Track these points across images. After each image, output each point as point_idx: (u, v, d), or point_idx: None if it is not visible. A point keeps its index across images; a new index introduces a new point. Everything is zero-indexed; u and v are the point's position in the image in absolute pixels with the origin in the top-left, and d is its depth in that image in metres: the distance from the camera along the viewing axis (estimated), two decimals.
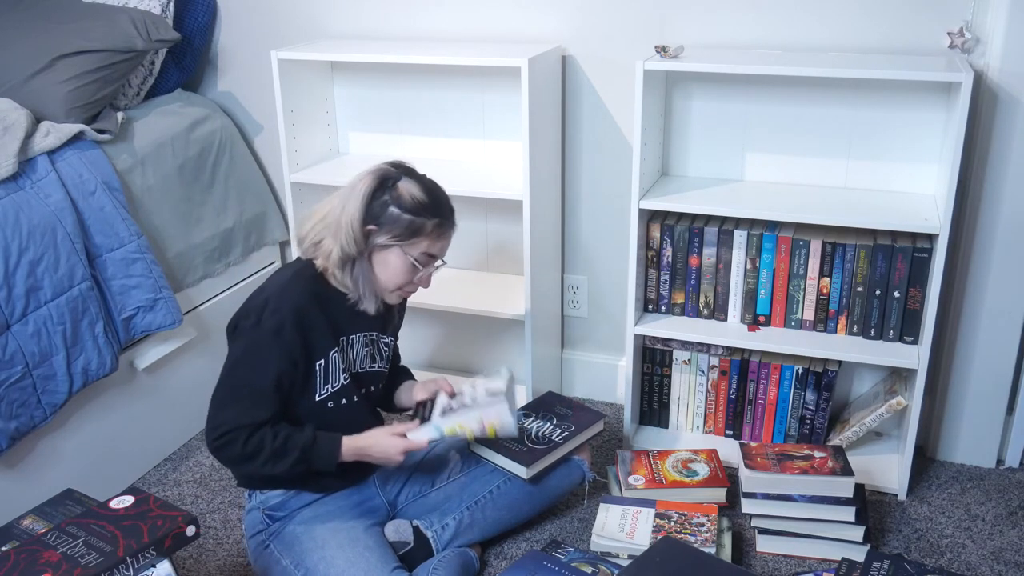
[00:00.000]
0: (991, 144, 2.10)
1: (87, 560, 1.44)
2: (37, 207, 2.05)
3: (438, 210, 1.87)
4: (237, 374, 1.80)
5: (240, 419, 1.77)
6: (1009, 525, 2.13)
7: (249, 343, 1.79)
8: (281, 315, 1.78)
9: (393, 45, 2.47)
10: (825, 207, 2.16)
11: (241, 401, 1.78)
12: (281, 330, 1.78)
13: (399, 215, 1.82)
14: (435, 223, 1.85)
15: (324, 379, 1.86)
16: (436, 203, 1.87)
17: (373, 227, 1.82)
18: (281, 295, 1.81)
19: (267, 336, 1.78)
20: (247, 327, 1.80)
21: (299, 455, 1.81)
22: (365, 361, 1.96)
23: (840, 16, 2.17)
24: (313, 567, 1.83)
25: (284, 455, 1.80)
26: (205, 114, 2.60)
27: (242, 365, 1.80)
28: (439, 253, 1.91)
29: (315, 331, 1.82)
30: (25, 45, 2.31)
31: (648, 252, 2.33)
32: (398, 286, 1.88)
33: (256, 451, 1.78)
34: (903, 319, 2.18)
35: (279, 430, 1.80)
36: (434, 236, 1.86)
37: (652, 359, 2.45)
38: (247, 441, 1.77)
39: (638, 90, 2.11)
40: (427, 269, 1.89)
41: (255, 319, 1.79)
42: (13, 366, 1.97)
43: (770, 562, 2.03)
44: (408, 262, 1.85)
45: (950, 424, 2.35)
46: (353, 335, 1.92)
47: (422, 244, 1.85)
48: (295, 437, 1.81)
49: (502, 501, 2.02)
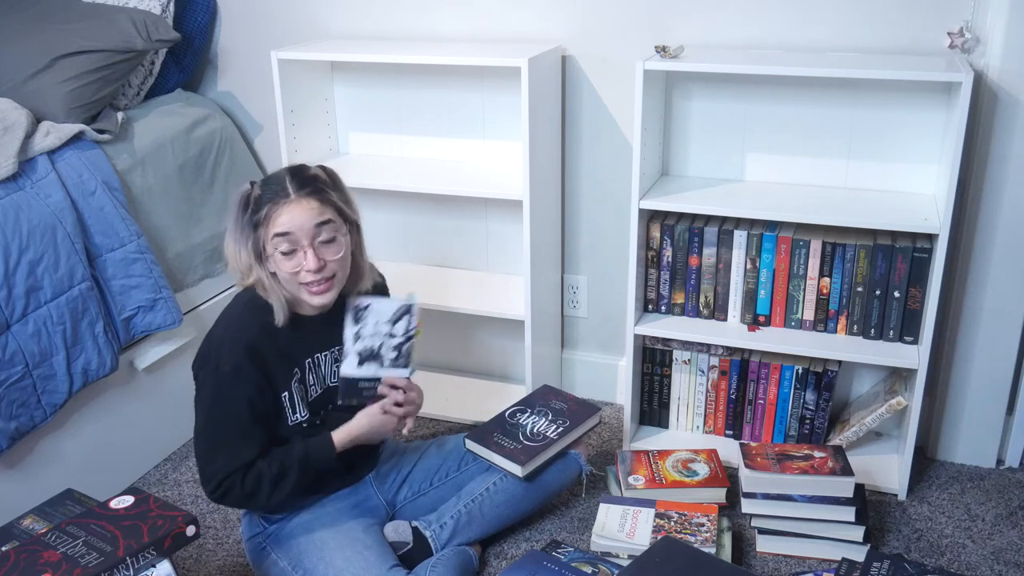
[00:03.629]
0: (991, 144, 2.10)
1: (87, 560, 1.44)
2: (37, 207, 2.05)
3: (268, 196, 1.76)
4: (213, 422, 1.80)
5: (231, 464, 1.78)
6: (1009, 525, 2.13)
7: (215, 390, 1.79)
8: (236, 355, 1.78)
9: (393, 45, 2.47)
10: (825, 207, 2.16)
11: (226, 447, 1.79)
12: (240, 369, 1.77)
13: (251, 222, 1.77)
14: (267, 209, 1.75)
15: (292, 409, 1.86)
16: (268, 190, 1.77)
17: (248, 246, 1.78)
18: (233, 334, 1.80)
19: (228, 378, 1.77)
20: (208, 373, 1.80)
21: (299, 471, 1.82)
22: (335, 375, 1.93)
23: (840, 16, 2.17)
24: (312, 567, 1.83)
25: (285, 477, 1.81)
26: (205, 114, 2.60)
27: (215, 412, 1.80)
28: (288, 229, 1.74)
29: (271, 363, 1.81)
30: (25, 45, 2.31)
31: (648, 252, 2.33)
32: (295, 283, 1.79)
33: (256, 486, 1.79)
34: (903, 319, 2.18)
35: (270, 458, 1.81)
36: (270, 219, 1.75)
37: (652, 359, 2.45)
38: (244, 481, 1.79)
39: (638, 90, 2.11)
40: (298, 252, 1.76)
41: (214, 364, 1.79)
42: (13, 366, 1.97)
43: (770, 562, 2.03)
44: (277, 256, 1.76)
45: (950, 424, 2.35)
46: (318, 355, 1.90)
47: (267, 231, 1.75)
48: (289, 456, 1.82)
49: (499, 498, 2.02)
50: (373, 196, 2.68)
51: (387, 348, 1.91)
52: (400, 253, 2.75)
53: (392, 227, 2.73)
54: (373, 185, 2.42)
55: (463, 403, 2.63)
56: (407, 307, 1.93)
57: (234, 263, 1.82)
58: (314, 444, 1.85)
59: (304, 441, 1.85)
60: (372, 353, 1.91)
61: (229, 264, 1.84)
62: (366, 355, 1.90)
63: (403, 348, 1.92)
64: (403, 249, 2.75)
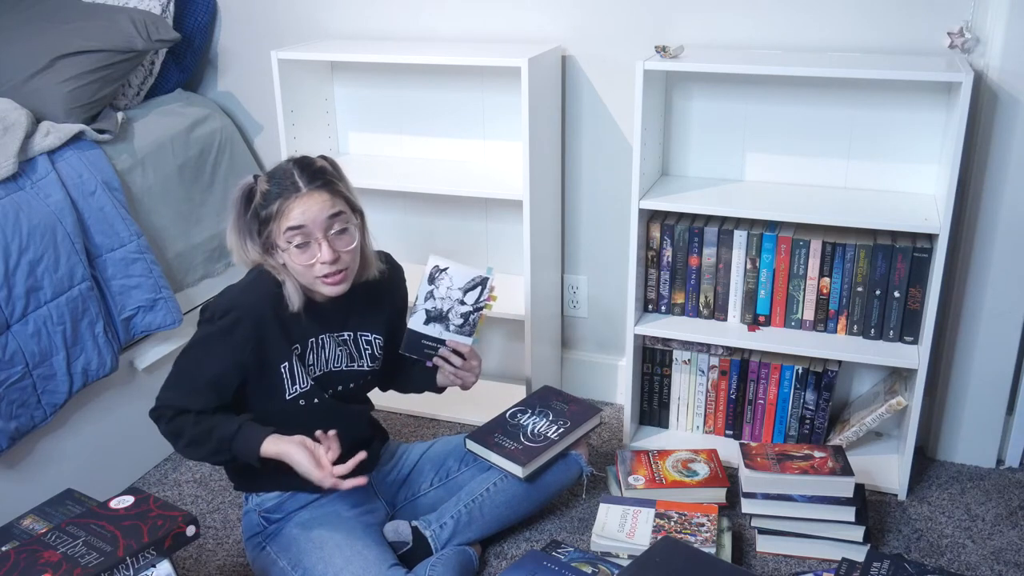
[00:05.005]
0: (991, 144, 2.10)
1: (87, 560, 1.44)
2: (37, 207, 2.05)
3: (278, 190, 1.77)
4: (182, 361, 1.85)
5: (171, 400, 1.82)
6: (1009, 525, 2.13)
7: (202, 336, 1.83)
8: (235, 317, 1.79)
9: (393, 45, 2.47)
10: (825, 207, 2.16)
11: (179, 386, 1.83)
12: (232, 331, 1.79)
13: (259, 215, 1.79)
14: (278, 204, 1.76)
15: (291, 380, 1.86)
16: (277, 184, 1.78)
17: (256, 240, 1.82)
18: (243, 298, 1.82)
19: (217, 334, 1.80)
20: (205, 320, 1.84)
21: (216, 446, 1.80)
22: (341, 360, 1.94)
23: (840, 16, 2.17)
24: (311, 567, 1.83)
25: (202, 443, 1.81)
26: (205, 114, 2.60)
27: (189, 355, 1.84)
28: (302, 222, 1.76)
29: (272, 335, 1.82)
30: (25, 45, 2.31)
31: (648, 252, 2.33)
32: (309, 275, 1.80)
33: (176, 433, 1.82)
34: (903, 319, 2.18)
35: (202, 419, 1.80)
36: (282, 214, 1.76)
37: (652, 359, 2.45)
38: (170, 422, 1.82)
39: (638, 90, 2.11)
40: (312, 245, 1.77)
41: (212, 315, 1.82)
42: (13, 366, 1.97)
43: (770, 562, 2.03)
44: (292, 250, 1.77)
45: (950, 424, 2.35)
46: (322, 335, 1.90)
47: (279, 226, 1.77)
48: (219, 428, 1.79)
49: (499, 498, 2.02)
50: (373, 196, 2.68)
51: (455, 314, 2.00)
52: (400, 253, 2.73)
53: (392, 227, 2.73)
54: (373, 185, 2.42)
55: (463, 403, 2.62)
56: (483, 280, 2.01)
57: (240, 256, 1.86)
58: (246, 432, 1.79)
59: (241, 425, 1.80)
60: (440, 315, 2.00)
61: (235, 257, 1.88)
62: (434, 315, 2.00)
63: (470, 317, 2.00)
64: (403, 249, 2.74)
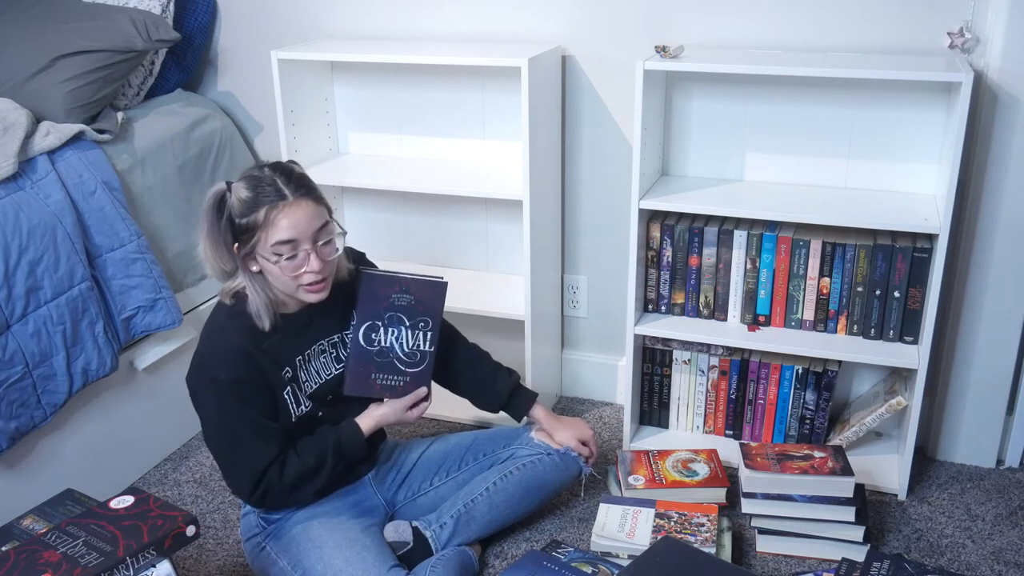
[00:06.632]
0: (991, 144, 2.10)
1: (87, 560, 1.44)
2: (37, 207, 2.05)
3: (261, 200, 1.72)
4: (228, 431, 1.80)
5: (258, 464, 1.80)
6: (1009, 525, 2.13)
7: (218, 401, 1.78)
8: (230, 362, 1.77)
9: (393, 45, 2.47)
10: (825, 207, 2.16)
11: (249, 450, 1.80)
12: (237, 375, 1.77)
13: (235, 224, 1.74)
14: (263, 213, 1.71)
15: (295, 402, 1.87)
16: (258, 193, 1.72)
17: (231, 248, 1.76)
18: (221, 344, 1.80)
19: (227, 386, 1.77)
20: (206, 386, 1.79)
21: (334, 459, 1.86)
22: (329, 367, 1.94)
23: (840, 16, 2.17)
24: (311, 567, 1.83)
25: (323, 467, 1.85)
26: (205, 114, 2.60)
27: (226, 421, 1.79)
28: (293, 236, 1.73)
29: (263, 366, 1.81)
30: (25, 45, 2.31)
31: (648, 252, 2.33)
32: (293, 284, 1.78)
33: (298, 480, 1.83)
34: (903, 319, 2.18)
35: (301, 450, 1.84)
36: (268, 225, 1.71)
37: (652, 359, 2.45)
38: (283, 477, 1.81)
39: (638, 90, 2.11)
40: (299, 255, 1.75)
41: (209, 375, 1.78)
42: (13, 366, 1.97)
43: (770, 562, 2.03)
44: (280, 262, 1.74)
45: (950, 424, 2.35)
46: (307, 351, 1.90)
47: (264, 238, 1.73)
48: (323, 444, 1.86)
49: (498, 498, 2.02)
50: (373, 196, 2.68)
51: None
52: (400, 253, 2.75)
53: (392, 227, 2.73)
54: (373, 185, 2.42)
55: (463, 403, 2.61)
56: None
57: (215, 267, 1.80)
58: (343, 431, 1.90)
59: (332, 429, 1.89)
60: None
61: (208, 268, 1.81)
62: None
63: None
64: (403, 249, 2.75)
